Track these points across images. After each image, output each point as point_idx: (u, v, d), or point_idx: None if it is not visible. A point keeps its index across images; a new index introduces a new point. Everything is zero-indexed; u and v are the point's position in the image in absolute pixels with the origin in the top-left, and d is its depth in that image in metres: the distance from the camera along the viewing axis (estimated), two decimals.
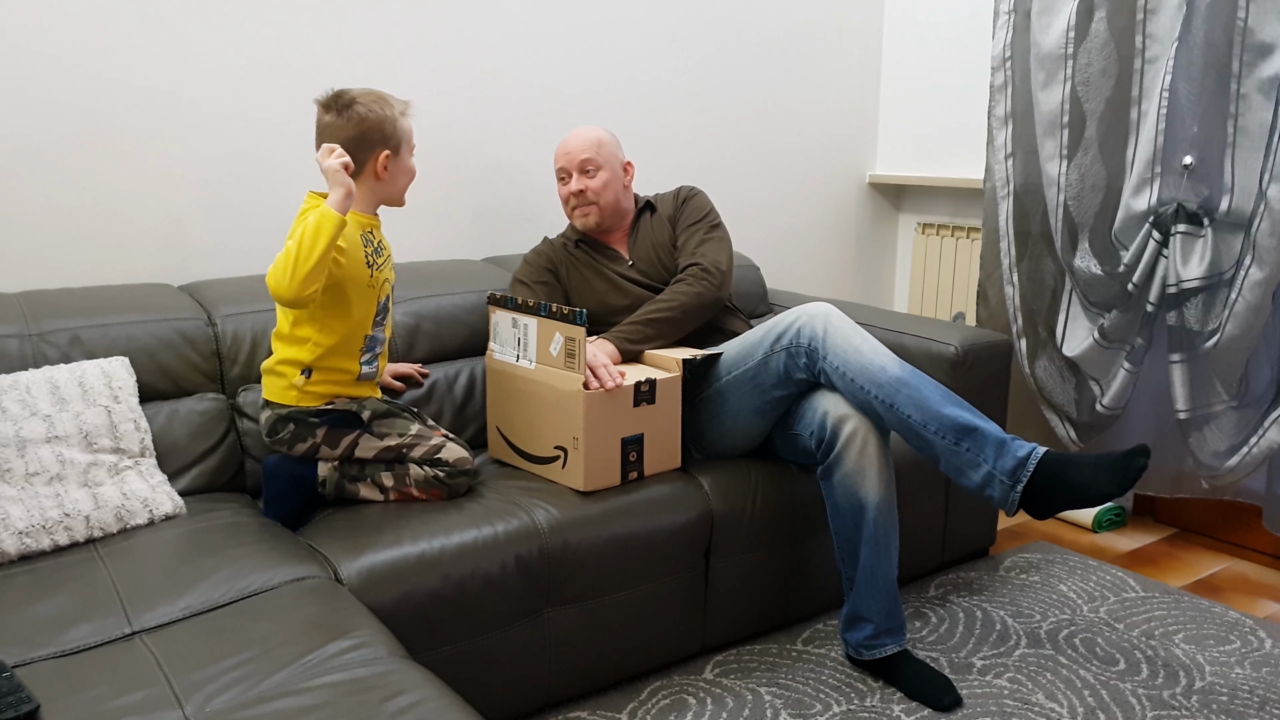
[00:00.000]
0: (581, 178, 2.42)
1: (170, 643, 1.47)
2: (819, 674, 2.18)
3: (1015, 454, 1.96)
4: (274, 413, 2.02)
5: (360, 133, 1.96)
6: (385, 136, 1.99)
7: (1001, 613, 2.44)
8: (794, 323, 2.13)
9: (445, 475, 1.99)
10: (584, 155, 2.41)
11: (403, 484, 1.99)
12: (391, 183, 2.04)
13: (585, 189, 2.42)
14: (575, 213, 2.46)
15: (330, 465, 2.01)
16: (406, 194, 2.10)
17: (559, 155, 2.45)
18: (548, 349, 2.08)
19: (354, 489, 2.00)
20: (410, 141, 2.05)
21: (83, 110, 2.27)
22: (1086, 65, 2.68)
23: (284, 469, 2.00)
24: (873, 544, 2.08)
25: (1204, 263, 2.52)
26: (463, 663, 1.86)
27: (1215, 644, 2.30)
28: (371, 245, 2.03)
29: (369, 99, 1.98)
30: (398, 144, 2.01)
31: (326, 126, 1.98)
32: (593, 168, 2.42)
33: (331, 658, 1.42)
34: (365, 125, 1.97)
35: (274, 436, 2.02)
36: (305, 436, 2.00)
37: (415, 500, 2.00)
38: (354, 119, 1.96)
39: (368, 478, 2.00)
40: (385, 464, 2.01)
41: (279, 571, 1.69)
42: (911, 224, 3.78)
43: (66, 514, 1.79)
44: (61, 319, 2.05)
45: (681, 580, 2.15)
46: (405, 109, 2.05)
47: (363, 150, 1.97)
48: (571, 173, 2.43)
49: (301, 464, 2.00)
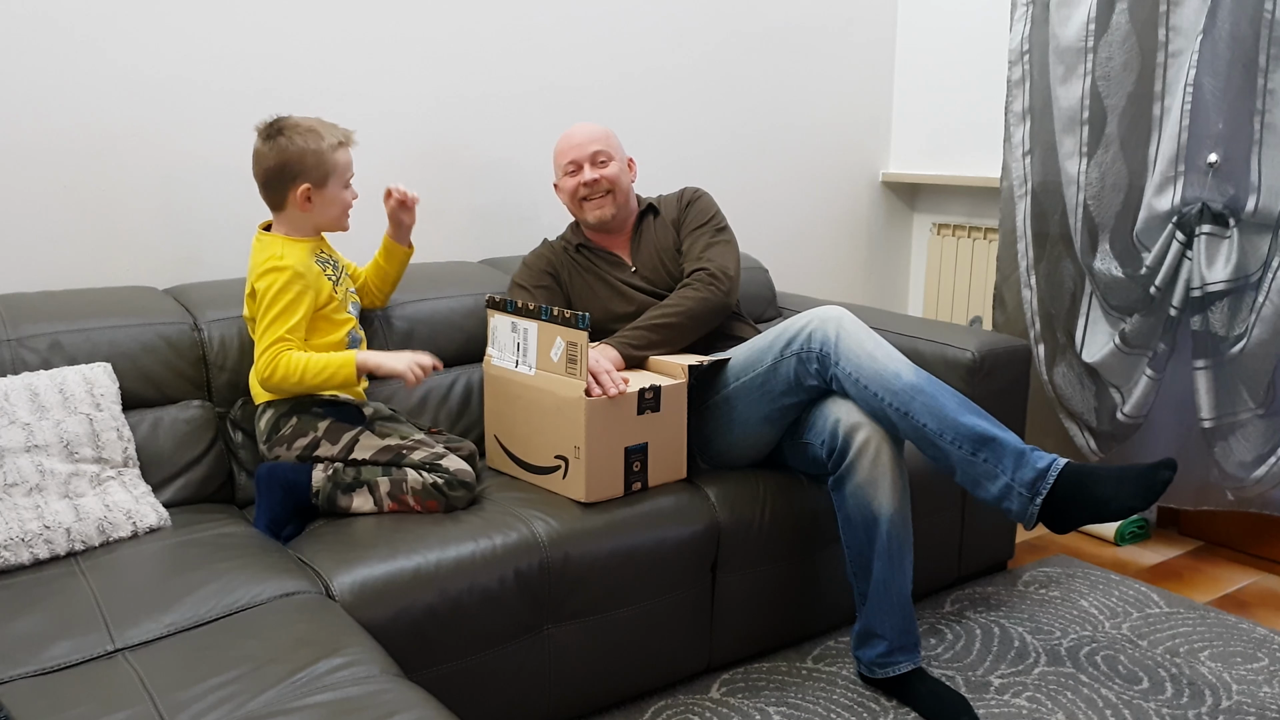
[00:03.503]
0: (595, 168, 2.42)
1: (154, 660, 1.46)
2: (830, 693, 2.17)
3: (1034, 465, 1.96)
4: (275, 411, 2.06)
5: (280, 163, 2.06)
6: (306, 169, 2.06)
7: (1020, 629, 2.44)
8: (805, 327, 2.13)
9: (444, 484, 1.99)
10: (594, 146, 2.42)
11: (399, 490, 1.99)
12: (320, 213, 2.12)
13: (600, 178, 2.42)
14: (588, 205, 2.44)
15: (325, 474, 2.01)
16: (348, 219, 2.18)
17: (565, 149, 2.44)
18: (548, 354, 2.08)
19: (346, 501, 2.00)
20: (343, 173, 2.11)
21: (63, 106, 2.27)
22: (1107, 59, 2.68)
23: (277, 475, 2.00)
24: (886, 557, 2.07)
25: (1229, 265, 2.52)
26: (459, 681, 1.86)
27: (1242, 661, 2.29)
28: (328, 264, 2.16)
29: (298, 130, 2.06)
30: (323, 176, 2.08)
31: (255, 153, 2.09)
32: (605, 158, 2.43)
33: (322, 676, 1.41)
34: (285, 157, 2.05)
35: (275, 435, 2.04)
36: (307, 430, 2.03)
37: (410, 512, 2.00)
38: (276, 149, 2.06)
39: (364, 484, 2.00)
40: (383, 467, 2.01)
41: (268, 586, 1.68)
42: (926, 224, 3.78)
43: (47, 526, 1.78)
44: (41, 323, 2.05)
45: (687, 595, 2.14)
46: (343, 139, 2.11)
47: (284, 181, 2.07)
48: (582, 164, 2.42)
49: (295, 471, 2.01)
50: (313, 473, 2.01)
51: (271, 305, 2.01)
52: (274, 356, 1.99)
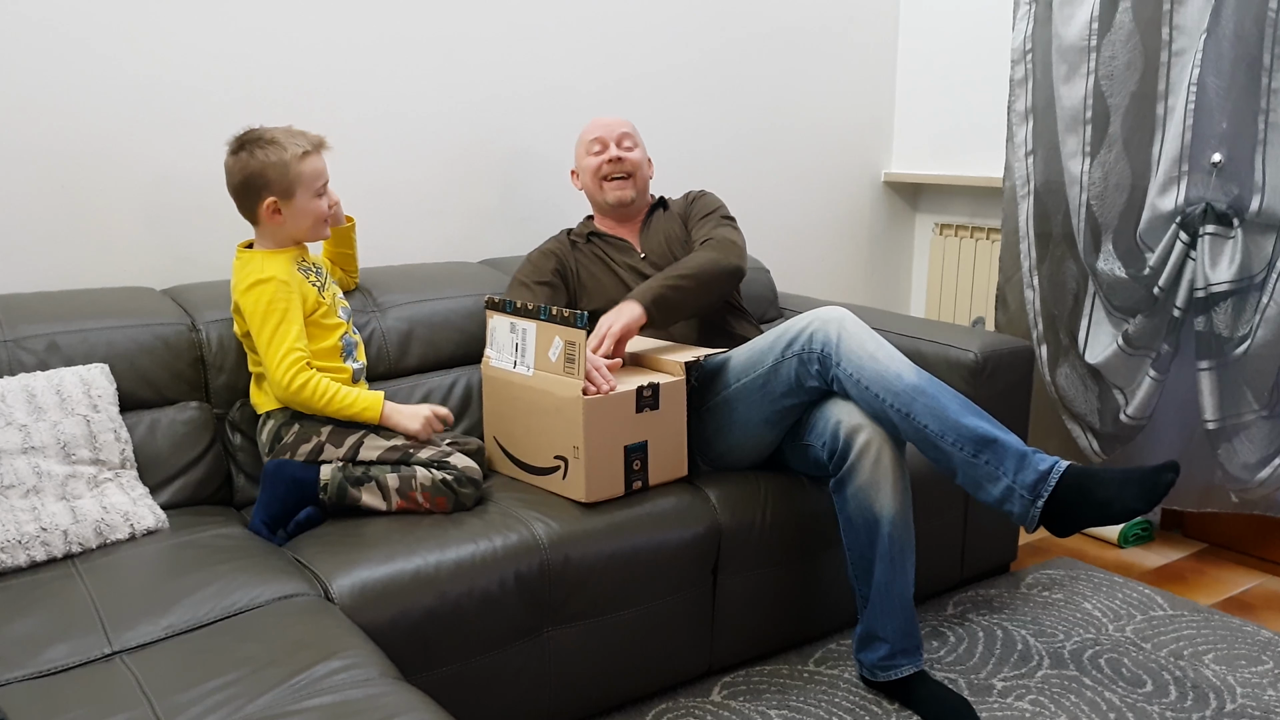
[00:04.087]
0: (620, 149, 2.52)
1: (152, 663, 1.47)
2: (832, 696, 2.17)
3: (1036, 467, 1.96)
4: (276, 421, 2.07)
5: (244, 179, 2.06)
6: (269, 183, 2.05)
7: (1023, 632, 2.44)
8: (806, 328, 2.13)
9: (453, 479, 1.99)
10: (623, 129, 2.55)
11: (408, 487, 1.98)
12: (292, 225, 2.11)
13: (624, 158, 2.51)
14: (609, 186, 2.52)
15: (333, 466, 2.01)
16: (326, 228, 2.18)
17: (594, 127, 2.55)
18: (547, 354, 2.08)
19: (356, 494, 1.99)
20: (311, 182, 2.09)
21: (59, 105, 2.27)
22: (1111, 58, 2.68)
23: (286, 471, 2.01)
24: (888, 560, 2.08)
25: (1234, 265, 2.52)
26: (459, 684, 1.86)
27: (1247, 665, 2.29)
28: (311, 271, 2.16)
29: (260, 143, 2.05)
30: (288, 188, 2.06)
31: (225, 168, 2.10)
32: (630, 143, 2.54)
33: (321, 679, 1.41)
34: (248, 172, 2.05)
35: (278, 444, 2.06)
36: (310, 436, 2.04)
37: (419, 510, 2.00)
38: (239, 164, 2.06)
39: (372, 480, 2.00)
40: (390, 465, 2.02)
41: (266, 588, 1.68)
42: (928, 224, 3.78)
43: (43, 528, 1.79)
44: (38, 324, 2.05)
45: (688, 597, 2.14)
46: (309, 147, 2.09)
47: (250, 196, 2.08)
48: (609, 143, 2.52)
49: (303, 469, 2.01)
50: (321, 468, 2.01)
51: (267, 318, 2.02)
52: (298, 370, 2.01)
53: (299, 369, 2.01)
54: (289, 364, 2.01)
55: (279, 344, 2.02)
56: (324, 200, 2.13)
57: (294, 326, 2.04)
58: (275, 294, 2.03)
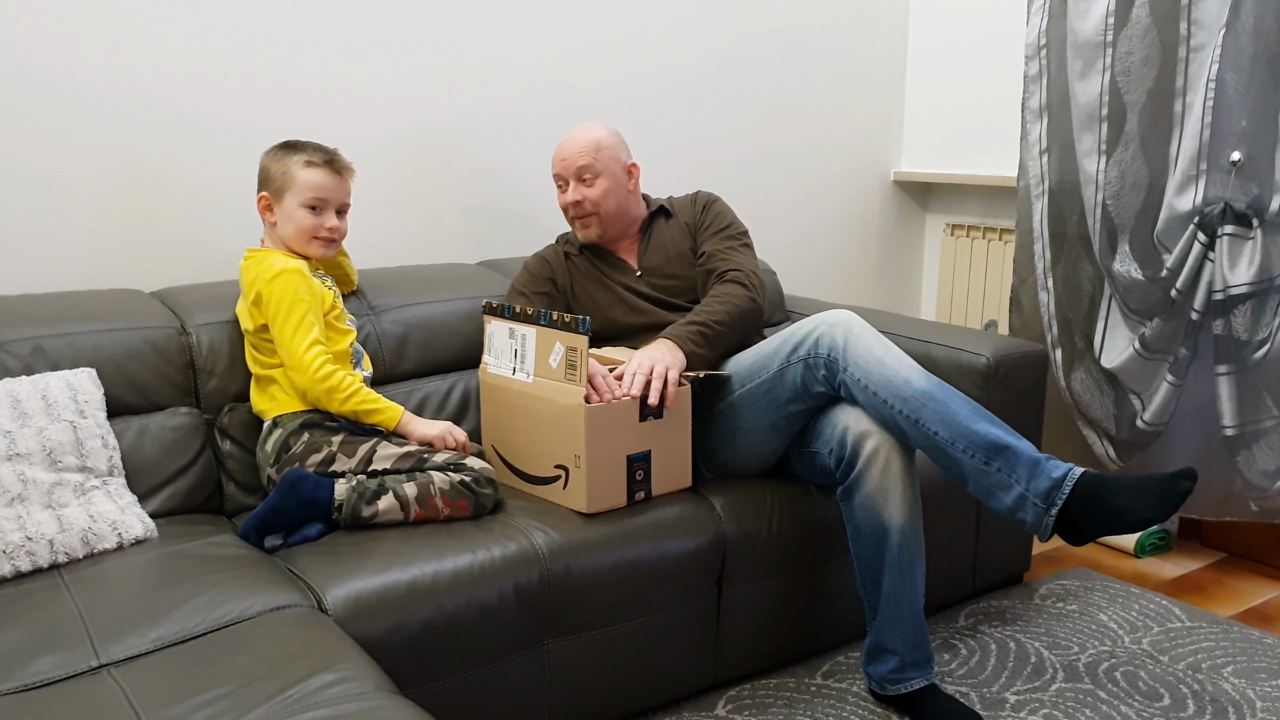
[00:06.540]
0: (579, 186, 2.40)
1: (140, 676, 1.47)
2: (840, 710, 2.17)
3: (1050, 475, 1.96)
4: (284, 429, 2.07)
5: (259, 173, 2.20)
6: (268, 179, 2.18)
7: (1037, 644, 2.44)
8: (812, 332, 2.14)
9: (472, 481, 2.00)
10: (580, 162, 2.39)
11: (427, 494, 1.97)
12: (282, 226, 2.18)
13: (583, 199, 2.40)
14: (575, 224, 2.47)
15: (348, 485, 1.98)
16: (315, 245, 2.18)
17: (555, 160, 2.44)
18: (547, 361, 2.08)
19: (372, 510, 1.96)
20: (302, 191, 2.15)
21: (44, 102, 2.28)
22: (1127, 54, 2.68)
23: (301, 490, 1.95)
24: (897, 570, 2.08)
25: (1253, 267, 2.52)
26: (456, 698, 1.86)
27: (1267, 678, 2.29)
28: (322, 278, 2.23)
29: (286, 147, 2.18)
30: (280, 189, 2.16)
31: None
32: (590, 175, 2.39)
33: (314, 693, 1.41)
34: (260, 167, 2.20)
35: (286, 454, 2.05)
36: (320, 445, 2.04)
37: (439, 519, 1.99)
38: (261, 159, 2.21)
39: (388, 490, 1.97)
40: (406, 474, 2.01)
41: (257, 599, 1.68)
42: (940, 225, 3.78)
43: (29, 537, 1.79)
44: (23, 327, 2.05)
45: (692, 609, 2.15)
46: (316, 159, 2.16)
47: (258, 189, 2.20)
48: (568, 180, 2.42)
49: (319, 486, 1.96)
50: (335, 486, 1.98)
51: (294, 307, 2.07)
52: (325, 359, 2.05)
53: (326, 359, 2.06)
54: (316, 353, 2.05)
55: (305, 333, 2.05)
56: (319, 217, 2.16)
57: (318, 321, 2.10)
58: (300, 285, 2.08)
